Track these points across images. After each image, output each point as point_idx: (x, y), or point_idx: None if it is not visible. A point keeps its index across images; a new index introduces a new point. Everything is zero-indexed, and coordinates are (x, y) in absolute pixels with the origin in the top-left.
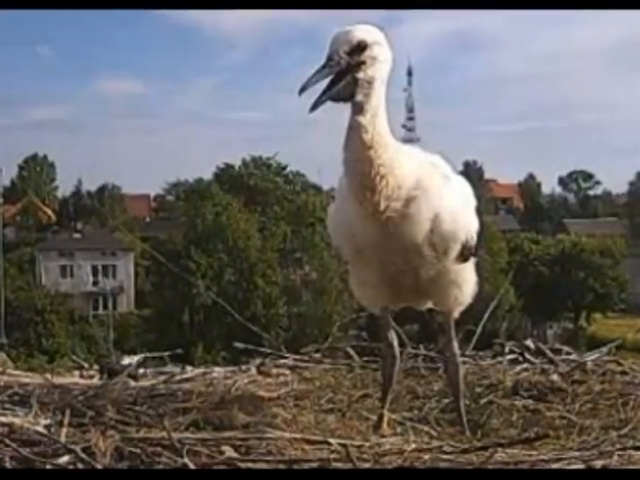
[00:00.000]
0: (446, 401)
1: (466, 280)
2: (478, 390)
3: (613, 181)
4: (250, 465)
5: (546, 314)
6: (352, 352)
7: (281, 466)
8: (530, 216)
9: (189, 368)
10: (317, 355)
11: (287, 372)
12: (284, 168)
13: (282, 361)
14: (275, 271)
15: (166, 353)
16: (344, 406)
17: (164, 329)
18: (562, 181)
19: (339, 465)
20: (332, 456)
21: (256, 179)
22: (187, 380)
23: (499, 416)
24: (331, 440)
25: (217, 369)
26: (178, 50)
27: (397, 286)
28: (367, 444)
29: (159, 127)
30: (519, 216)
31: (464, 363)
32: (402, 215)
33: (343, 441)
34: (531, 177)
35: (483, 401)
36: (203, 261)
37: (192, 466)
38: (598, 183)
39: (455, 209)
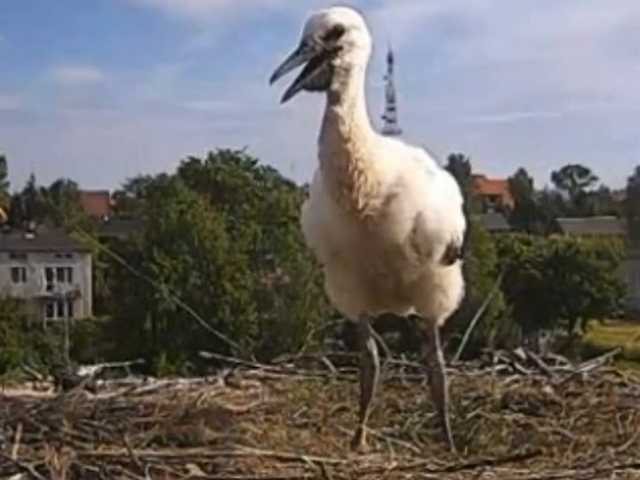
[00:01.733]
0: (430, 415)
1: (451, 284)
2: (464, 403)
3: (611, 177)
4: None
5: (538, 321)
6: (328, 362)
7: None
8: (521, 215)
9: (151, 379)
10: (290, 365)
11: (257, 384)
12: (254, 162)
13: (252, 372)
14: (244, 274)
15: (126, 363)
16: (319, 420)
17: (124, 337)
18: (555, 177)
19: None
20: (306, 475)
21: (224, 174)
22: (149, 392)
23: (487, 431)
24: (305, 457)
25: (182, 380)
26: (139, 35)
27: (377, 291)
28: (344, 462)
29: (119, 118)
30: (509, 215)
31: (449, 374)
32: (382, 214)
33: (318, 458)
34: (522, 172)
35: (470, 415)
36: (167, 263)
37: None
38: (594, 179)
39: (440, 207)
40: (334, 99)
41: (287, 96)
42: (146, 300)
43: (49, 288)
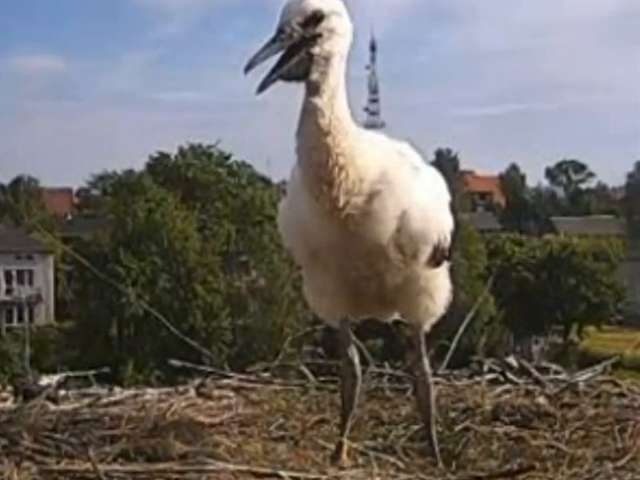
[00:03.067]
0: (415, 428)
1: (438, 288)
2: (453, 415)
3: (609, 173)
4: None
5: (531, 327)
6: (306, 371)
7: None
8: (513, 213)
9: (117, 389)
10: (266, 374)
11: (231, 394)
12: (227, 158)
13: (225, 381)
14: (217, 277)
15: (91, 372)
16: (297, 433)
17: (88, 344)
18: (550, 173)
19: None
20: None
21: (195, 170)
22: (115, 403)
23: (477, 445)
24: (282, 473)
25: (150, 390)
26: (104, 21)
27: (358, 295)
28: (324, 477)
29: (83, 110)
30: (500, 214)
31: (436, 383)
32: (364, 212)
33: (296, 474)
34: (514, 168)
35: (458, 428)
36: (134, 265)
37: None
38: (591, 175)
39: (426, 205)
40: (313, 90)
41: (263, 87)
42: (112, 305)
43: (8, 292)
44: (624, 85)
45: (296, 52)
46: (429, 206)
